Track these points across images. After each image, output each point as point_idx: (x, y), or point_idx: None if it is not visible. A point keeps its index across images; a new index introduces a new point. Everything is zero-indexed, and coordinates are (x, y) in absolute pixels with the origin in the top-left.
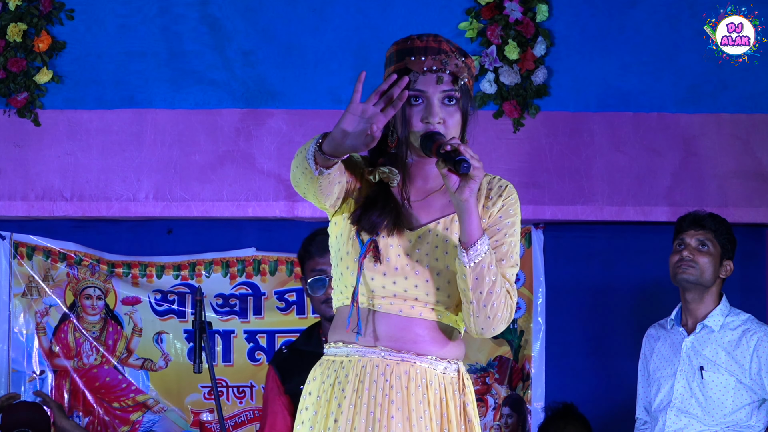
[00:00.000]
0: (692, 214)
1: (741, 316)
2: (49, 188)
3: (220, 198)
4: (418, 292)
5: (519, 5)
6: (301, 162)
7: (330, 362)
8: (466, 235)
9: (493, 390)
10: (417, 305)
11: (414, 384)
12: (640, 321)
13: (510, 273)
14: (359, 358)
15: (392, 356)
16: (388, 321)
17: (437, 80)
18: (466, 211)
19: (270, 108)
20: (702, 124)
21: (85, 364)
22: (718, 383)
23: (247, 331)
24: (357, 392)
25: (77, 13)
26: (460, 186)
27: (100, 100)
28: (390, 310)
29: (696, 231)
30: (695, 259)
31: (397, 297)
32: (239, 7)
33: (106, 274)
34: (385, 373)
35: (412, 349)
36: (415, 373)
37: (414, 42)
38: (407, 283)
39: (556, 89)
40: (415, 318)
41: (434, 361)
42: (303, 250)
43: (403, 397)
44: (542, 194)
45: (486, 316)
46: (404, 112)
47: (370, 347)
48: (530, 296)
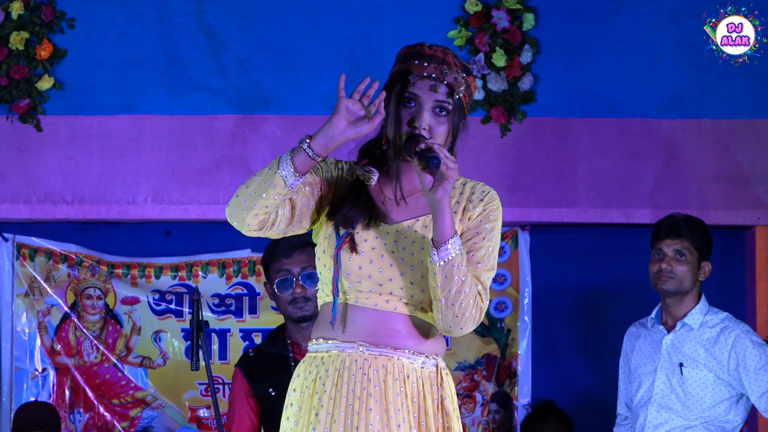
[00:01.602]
0: (668, 222)
1: (719, 315)
2: (51, 192)
3: (216, 201)
4: (392, 286)
5: (506, 14)
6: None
7: (312, 358)
8: (438, 234)
9: (481, 387)
10: (392, 299)
11: (391, 377)
12: (624, 320)
13: (485, 276)
14: (338, 353)
15: (370, 351)
16: (365, 315)
17: (433, 88)
18: (439, 211)
19: (265, 114)
20: (683, 130)
21: (85, 362)
22: (698, 379)
23: (242, 330)
24: (336, 386)
25: (78, 21)
26: (434, 186)
27: (100, 106)
28: (366, 304)
29: (673, 240)
30: (673, 269)
31: (373, 291)
32: (235, 16)
33: (105, 274)
34: (363, 367)
35: (390, 343)
36: (393, 366)
37: (423, 48)
38: (382, 276)
39: (542, 95)
40: (391, 312)
41: (412, 355)
42: (267, 254)
43: (381, 390)
44: (528, 197)
45: (454, 314)
46: (396, 113)
47: (349, 342)
48: (517, 296)
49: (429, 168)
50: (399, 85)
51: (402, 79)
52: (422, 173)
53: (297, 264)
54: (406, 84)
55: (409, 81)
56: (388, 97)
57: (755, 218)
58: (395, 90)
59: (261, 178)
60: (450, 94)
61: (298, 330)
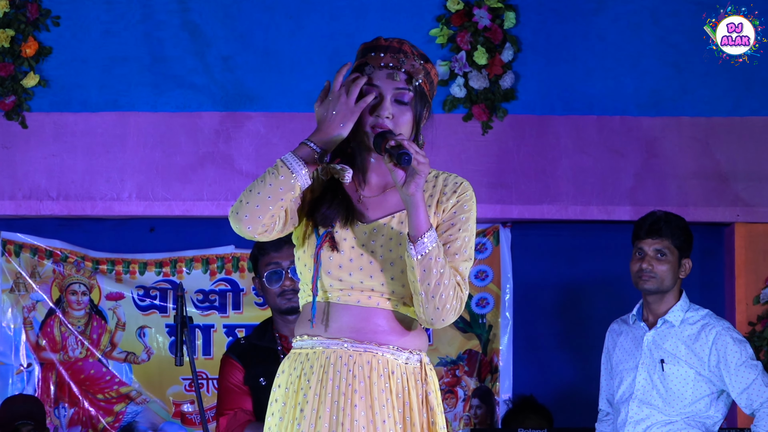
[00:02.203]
0: (648, 221)
1: (700, 312)
2: (36, 188)
3: (200, 197)
4: (373, 282)
5: (487, 13)
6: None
7: (296, 355)
8: (414, 228)
9: (462, 382)
10: (374, 295)
11: (376, 373)
12: (604, 316)
13: (463, 267)
14: (323, 349)
15: (355, 347)
16: (348, 312)
17: (390, 76)
18: (413, 205)
19: (248, 111)
20: (663, 127)
21: (70, 357)
22: (678, 375)
23: (226, 325)
24: (321, 382)
25: (63, 19)
26: (406, 181)
27: (84, 104)
28: (348, 301)
29: (653, 240)
30: (654, 269)
31: (354, 288)
32: (219, 14)
33: (90, 270)
34: (348, 363)
35: (374, 339)
36: (377, 363)
37: (379, 41)
38: (362, 274)
39: (523, 93)
40: (373, 308)
41: (396, 351)
42: (256, 249)
43: (366, 386)
44: (510, 194)
45: (435, 307)
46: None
47: (334, 339)
48: (498, 292)
49: (400, 164)
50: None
51: (360, 72)
52: (394, 169)
53: (286, 258)
54: (362, 73)
55: (365, 71)
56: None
57: (734, 215)
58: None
59: (273, 183)
60: (409, 81)
61: (286, 323)
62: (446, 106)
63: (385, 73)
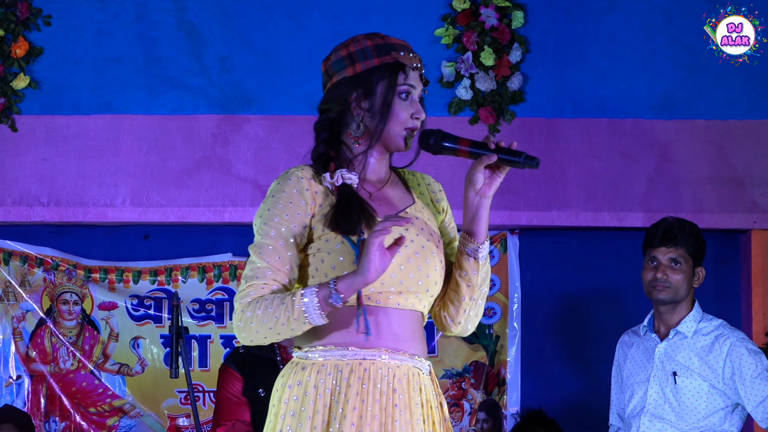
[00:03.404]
0: (662, 228)
1: (713, 322)
2: (26, 193)
3: (196, 203)
4: (411, 282)
5: (495, 12)
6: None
7: (320, 366)
8: (484, 232)
9: (468, 395)
10: (410, 296)
11: (412, 387)
12: (616, 326)
13: None
14: (360, 361)
15: (393, 359)
16: (387, 317)
17: (422, 77)
18: (486, 208)
19: (246, 114)
20: (677, 131)
21: (61, 369)
22: (692, 388)
23: (223, 336)
24: (360, 395)
25: (54, 19)
26: (486, 183)
27: (77, 106)
28: (389, 304)
29: (668, 248)
30: (668, 279)
31: (394, 291)
32: (216, 14)
33: (82, 279)
34: (388, 376)
35: (408, 349)
36: (412, 376)
37: (389, 39)
38: (403, 273)
39: (532, 95)
40: (410, 310)
41: (422, 362)
42: None
43: (405, 400)
44: (518, 200)
45: (476, 313)
46: (389, 106)
47: (370, 349)
48: (506, 301)
49: (529, 166)
50: (388, 79)
51: (394, 71)
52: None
53: None
54: (396, 76)
55: (404, 73)
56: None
57: (751, 222)
58: (383, 84)
59: (285, 324)
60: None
61: None
62: (452, 108)
63: (418, 74)
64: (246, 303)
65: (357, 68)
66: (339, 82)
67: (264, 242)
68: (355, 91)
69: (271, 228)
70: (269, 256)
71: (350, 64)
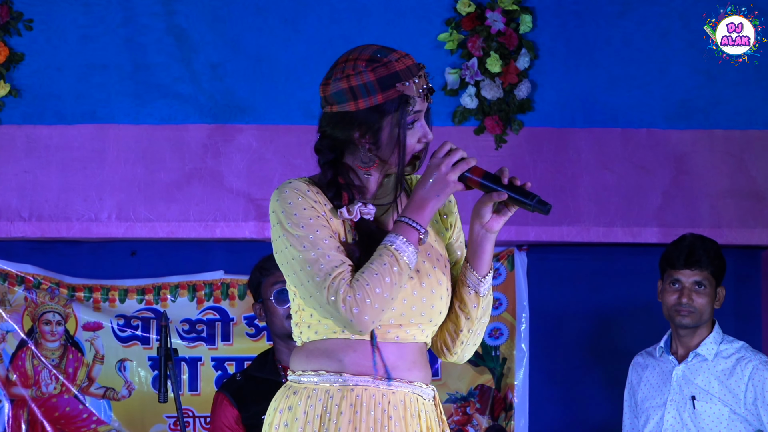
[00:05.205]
0: (685, 249)
1: (735, 344)
2: (6, 208)
3: (186, 218)
4: (414, 313)
5: (501, 16)
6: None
7: (310, 390)
8: (486, 264)
9: (474, 420)
10: (411, 328)
11: (409, 414)
12: (630, 347)
13: None
14: (352, 387)
15: (387, 385)
16: (385, 350)
17: (427, 98)
18: (491, 243)
19: (239, 123)
20: (694, 141)
21: (43, 394)
22: (711, 414)
23: (214, 358)
24: (352, 423)
25: (36, 23)
26: (494, 219)
27: (60, 115)
28: (387, 338)
29: (692, 271)
30: (693, 303)
31: (394, 324)
32: (207, 18)
33: (66, 298)
34: (383, 403)
35: (406, 376)
36: (410, 402)
37: (393, 65)
38: (405, 306)
39: (540, 104)
40: (411, 343)
41: (423, 388)
42: (258, 271)
43: (401, 427)
44: (526, 214)
45: (474, 343)
46: (399, 138)
47: (362, 376)
48: (513, 322)
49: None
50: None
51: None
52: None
53: None
54: (406, 107)
55: (409, 104)
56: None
57: None
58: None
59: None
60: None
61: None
62: (456, 117)
63: (423, 96)
64: (348, 288)
65: (360, 105)
66: (341, 113)
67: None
68: (359, 129)
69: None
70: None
71: (352, 99)
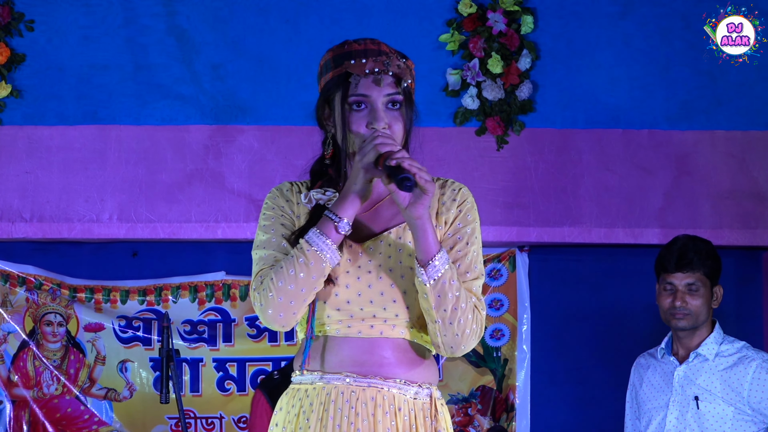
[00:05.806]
0: (676, 252)
1: (735, 344)
2: (8, 209)
3: (188, 219)
4: (374, 308)
5: (503, 16)
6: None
7: (295, 391)
8: (423, 252)
9: (475, 422)
10: (376, 324)
11: (381, 411)
12: (631, 349)
13: (476, 286)
14: (324, 385)
15: (358, 382)
16: (349, 345)
17: (378, 82)
18: (420, 228)
19: (240, 124)
20: (695, 142)
21: (45, 394)
22: (716, 414)
23: (216, 359)
24: (322, 421)
25: (37, 24)
26: (411, 202)
27: (61, 116)
28: (349, 333)
29: (684, 273)
30: (687, 305)
31: (354, 318)
32: (208, 18)
33: (67, 299)
34: (351, 400)
35: (379, 373)
36: (383, 399)
37: (352, 46)
38: (362, 300)
39: (542, 105)
40: (377, 338)
41: (403, 385)
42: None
43: (370, 424)
44: (527, 215)
45: (454, 333)
46: (345, 119)
47: (335, 374)
48: (514, 323)
49: (402, 189)
50: (340, 91)
51: (341, 83)
52: (396, 190)
53: None
54: (347, 87)
55: (350, 83)
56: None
57: None
58: (336, 97)
59: (305, 275)
60: (397, 83)
61: None
62: (458, 118)
63: (372, 79)
64: (259, 282)
65: (321, 83)
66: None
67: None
68: (323, 107)
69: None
70: (270, 246)
71: (319, 78)
